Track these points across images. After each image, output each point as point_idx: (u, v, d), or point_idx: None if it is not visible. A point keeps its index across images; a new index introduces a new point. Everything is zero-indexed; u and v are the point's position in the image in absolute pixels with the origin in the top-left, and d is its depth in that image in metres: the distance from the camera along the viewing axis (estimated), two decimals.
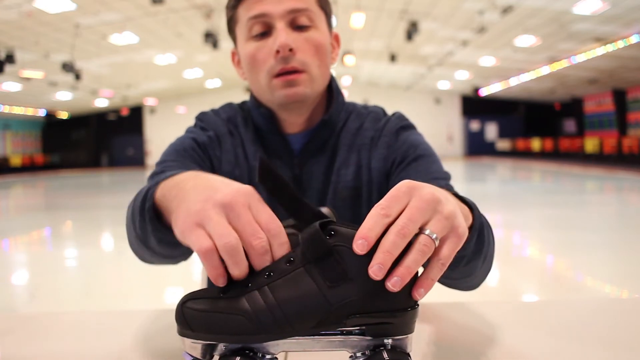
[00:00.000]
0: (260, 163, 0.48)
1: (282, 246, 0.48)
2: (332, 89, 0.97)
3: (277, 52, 0.84)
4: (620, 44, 13.35)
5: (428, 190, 0.46)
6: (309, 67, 0.86)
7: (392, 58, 16.25)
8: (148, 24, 12.75)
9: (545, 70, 17.57)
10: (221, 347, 0.47)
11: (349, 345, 0.48)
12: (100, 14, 11.65)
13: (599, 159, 17.92)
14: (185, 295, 0.49)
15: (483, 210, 0.64)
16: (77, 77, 14.36)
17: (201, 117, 0.98)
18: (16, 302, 3.77)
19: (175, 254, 0.73)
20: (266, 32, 0.86)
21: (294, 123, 0.93)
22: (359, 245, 0.44)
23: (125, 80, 19.93)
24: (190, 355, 0.47)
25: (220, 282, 0.47)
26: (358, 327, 0.47)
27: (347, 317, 0.46)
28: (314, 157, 0.94)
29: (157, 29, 13.37)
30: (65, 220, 8.47)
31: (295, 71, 0.85)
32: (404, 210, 0.45)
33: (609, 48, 13.77)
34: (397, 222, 0.44)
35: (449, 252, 0.47)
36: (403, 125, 0.96)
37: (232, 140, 0.95)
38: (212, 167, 0.92)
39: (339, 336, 0.48)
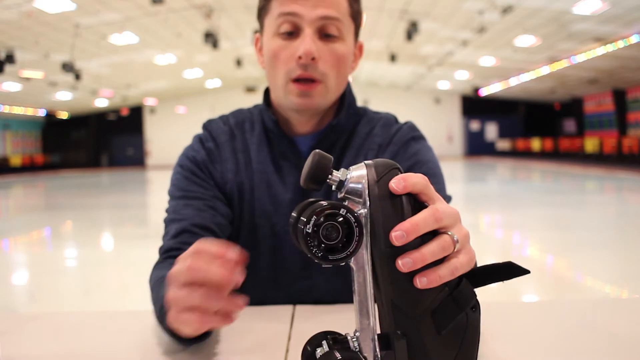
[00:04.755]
0: None
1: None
2: (344, 94, 0.97)
3: (300, 57, 0.84)
4: (620, 44, 13.34)
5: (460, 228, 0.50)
6: (327, 78, 0.87)
7: (392, 58, 16.25)
8: (148, 24, 12.75)
9: (545, 70, 17.56)
10: None
11: None
12: (100, 14, 11.65)
13: (599, 159, 17.92)
14: None
15: (483, 210, 0.64)
16: (77, 77, 14.35)
17: (207, 125, 0.99)
18: (16, 302, 3.77)
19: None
20: (293, 32, 0.86)
21: (303, 125, 0.94)
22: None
23: (125, 80, 19.92)
24: None
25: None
26: None
27: None
28: None
29: (157, 29, 13.36)
30: (65, 220, 8.46)
31: (312, 80, 0.86)
32: (449, 228, 0.48)
33: (609, 48, 13.76)
34: (444, 237, 0.47)
35: (465, 261, 0.47)
36: (414, 136, 0.95)
37: (232, 147, 0.95)
38: (215, 181, 0.93)
39: None
